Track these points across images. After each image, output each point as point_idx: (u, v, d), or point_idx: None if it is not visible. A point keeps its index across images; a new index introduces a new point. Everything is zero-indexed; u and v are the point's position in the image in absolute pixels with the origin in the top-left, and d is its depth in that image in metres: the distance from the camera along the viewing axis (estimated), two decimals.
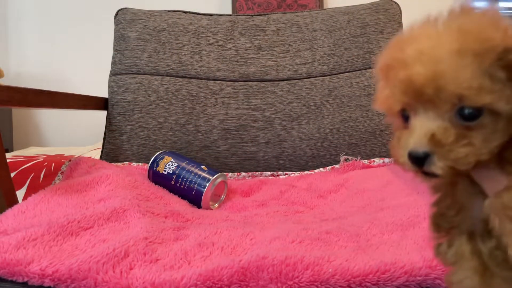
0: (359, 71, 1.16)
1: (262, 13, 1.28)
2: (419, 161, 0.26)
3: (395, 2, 1.22)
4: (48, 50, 2.16)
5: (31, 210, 0.63)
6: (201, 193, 0.81)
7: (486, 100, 0.24)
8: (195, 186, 0.82)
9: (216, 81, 1.19)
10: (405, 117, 0.29)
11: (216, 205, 0.85)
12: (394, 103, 0.29)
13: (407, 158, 0.27)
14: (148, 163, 0.91)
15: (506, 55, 0.24)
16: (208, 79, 1.19)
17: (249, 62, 1.20)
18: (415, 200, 0.68)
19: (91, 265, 0.47)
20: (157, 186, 0.85)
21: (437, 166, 0.26)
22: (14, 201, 0.73)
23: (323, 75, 1.18)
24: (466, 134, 0.25)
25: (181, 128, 1.15)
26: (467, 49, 0.24)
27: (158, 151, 0.93)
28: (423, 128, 0.26)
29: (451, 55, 0.24)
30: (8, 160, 0.75)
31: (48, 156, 1.49)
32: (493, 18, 0.26)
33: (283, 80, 1.18)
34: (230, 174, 1.08)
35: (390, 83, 0.28)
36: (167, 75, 1.19)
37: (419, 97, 0.26)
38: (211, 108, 1.17)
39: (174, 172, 0.85)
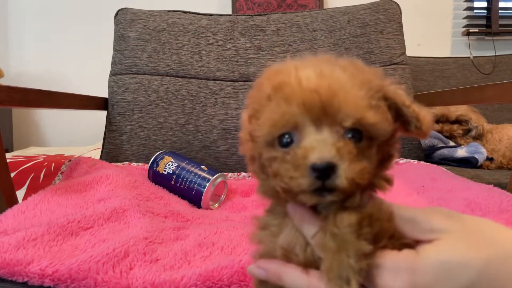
0: None
1: (262, 13, 1.28)
2: (324, 173, 0.25)
3: (395, 2, 1.22)
4: (48, 50, 2.16)
5: (31, 210, 0.63)
6: (201, 193, 0.81)
7: (376, 119, 0.26)
8: (195, 186, 0.82)
9: (216, 81, 1.19)
10: (284, 143, 0.28)
11: (216, 205, 0.85)
12: (280, 124, 0.27)
13: (308, 173, 0.25)
14: (148, 163, 0.91)
15: (382, 89, 0.28)
16: (208, 79, 1.19)
17: (249, 62, 1.20)
18: (414, 200, 0.68)
19: (91, 265, 0.47)
20: (157, 186, 0.85)
21: (342, 178, 0.25)
22: (14, 201, 0.73)
23: None
24: (357, 152, 0.26)
25: (181, 128, 1.15)
26: (358, 81, 0.27)
27: (158, 151, 0.93)
28: (325, 141, 0.26)
29: (348, 81, 0.27)
30: (8, 160, 0.75)
31: (48, 156, 1.49)
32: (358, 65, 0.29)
33: None
34: (230, 174, 1.08)
35: (281, 103, 0.27)
36: (167, 75, 1.19)
37: (319, 113, 0.26)
38: (211, 108, 1.17)
39: (174, 172, 0.85)
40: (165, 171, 0.87)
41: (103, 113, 1.20)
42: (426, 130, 0.29)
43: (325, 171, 0.25)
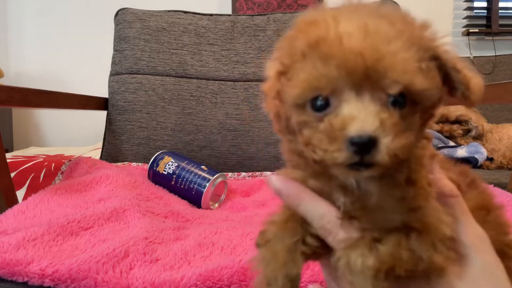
0: None
1: (262, 13, 1.28)
2: (364, 148, 0.22)
3: (395, 2, 1.22)
4: (48, 50, 2.16)
5: (31, 210, 0.63)
6: (201, 193, 0.81)
7: (425, 85, 0.23)
8: (195, 186, 0.82)
9: (216, 81, 1.19)
10: (317, 107, 0.24)
11: (216, 205, 0.85)
12: (316, 87, 0.24)
13: (346, 146, 0.22)
14: (148, 163, 0.91)
15: (433, 48, 0.25)
16: (208, 79, 1.19)
17: (249, 62, 1.20)
18: None
19: (91, 265, 0.47)
20: (157, 186, 0.85)
21: (384, 153, 0.22)
22: (14, 201, 0.73)
23: None
24: (400, 122, 0.24)
25: (181, 128, 1.15)
26: (406, 39, 0.24)
27: (158, 151, 0.93)
28: (366, 110, 0.23)
29: (396, 40, 0.23)
30: (8, 160, 0.75)
31: (48, 156, 1.49)
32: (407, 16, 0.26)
33: None
34: (230, 174, 1.08)
35: (317, 63, 0.23)
36: (167, 75, 1.19)
37: (361, 78, 0.23)
38: (211, 108, 1.17)
39: (174, 172, 0.85)
40: (165, 171, 0.87)
41: (103, 113, 1.20)
42: (475, 99, 0.26)
43: (365, 146, 0.22)
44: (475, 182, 0.32)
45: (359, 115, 0.23)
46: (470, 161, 1.21)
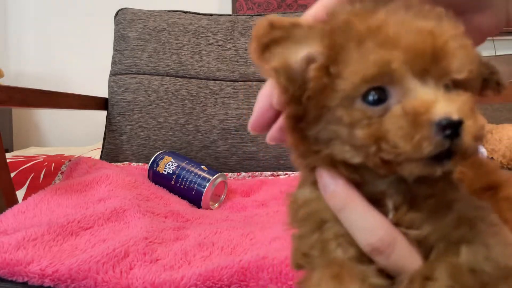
0: None
1: (262, 13, 1.28)
2: (454, 131, 0.20)
3: None
4: (48, 50, 2.16)
5: (31, 210, 0.63)
6: (201, 193, 0.81)
7: (476, 73, 0.22)
8: (195, 186, 0.82)
9: (216, 81, 1.19)
10: (371, 101, 0.21)
11: (216, 205, 0.85)
12: (374, 75, 0.21)
13: (435, 132, 0.20)
14: (148, 163, 0.91)
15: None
16: (208, 79, 1.19)
17: (249, 62, 1.20)
18: None
19: (91, 265, 0.47)
20: (157, 186, 0.85)
21: (469, 136, 0.20)
22: (14, 201, 0.73)
23: None
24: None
25: (181, 128, 1.15)
26: (464, 33, 0.23)
27: (158, 151, 0.93)
28: (443, 94, 0.21)
29: (459, 32, 0.22)
30: (8, 160, 0.75)
31: (48, 156, 1.49)
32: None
33: None
34: (230, 174, 1.08)
35: (378, 49, 0.21)
36: (167, 75, 1.19)
37: (428, 62, 0.21)
38: (211, 108, 1.17)
39: (174, 172, 0.85)
40: (165, 171, 0.87)
41: (103, 113, 1.20)
42: (506, 84, 0.26)
43: (456, 128, 0.20)
44: (479, 163, 0.30)
45: (439, 98, 0.20)
46: None
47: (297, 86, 0.23)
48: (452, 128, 0.20)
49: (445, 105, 0.20)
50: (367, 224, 0.23)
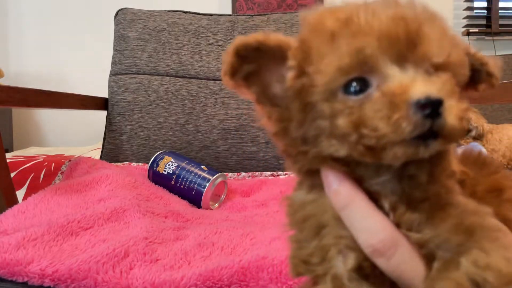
0: None
1: (262, 13, 1.28)
2: (434, 110, 0.20)
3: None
4: (48, 50, 2.16)
5: (31, 210, 0.63)
6: (201, 193, 0.81)
7: (460, 59, 0.22)
8: (195, 186, 0.82)
9: (216, 81, 1.19)
10: (352, 92, 0.21)
11: (216, 205, 0.85)
12: (352, 66, 0.21)
13: (413, 111, 0.19)
14: (148, 163, 0.91)
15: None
16: (208, 79, 1.19)
17: None
18: None
19: (91, 265, 0.47)
20: (157, 186, 0.85)
21: (453, 115, 0.20)
22: (14, 201, 0.73)
23: None
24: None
25: (181, 128, 1.15)
26: (441, 18, 0.23)
27: (158, 151, 0.93)
28: (421, 76, 0.21)
29: (434, 17, 0.22)
30: (8, 160, 0.75)
31: (48, 156, 1.49)
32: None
33: None
34: (230, 174, 1.08)
35: (351, 40, 0.21)
36: (167, 75, 1.19)
37: (404, 48, 0.21)
38: (211, 108, 1.17)
39: (174, 172, 0.85)
40: (165, 171, 0.87)
41: (103, 113, 1.20)
42: (498, 74, 0.26)
43: (435, 107, 0.20)
44: (482, 163, 0.29)
45: (417, 78, 0.20)
46: None
47: (279, 101, 0.23)
48: (431, 106, 0.19)
49: (424, 85, 0.20)
50: (369, 224, 0.22)
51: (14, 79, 2.09)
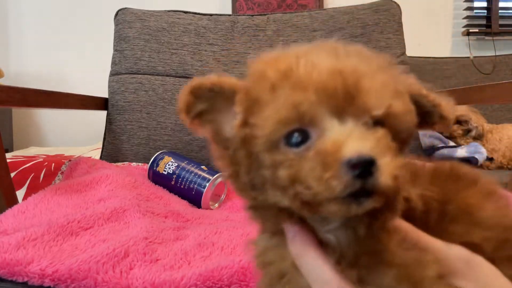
0: None
1: (262, 13, 1.28)
2: (366, 170, 0.20)
3: (395, 2, 1.22)
4: (48, 50, 2.16)
5: (31, 210, 0.63)
6: (201, 193, 0.81)
7: (403, 108, 0.22)
8: (195, 186, 0.82)
9: None
10: (294, 143, 0.22)
11: (216, 205, 0.85)
12: (291, 118, 0.21)
13: (344, 171, 0.20)
14: (148, 163, 0.91)
15: (403, 82, 0.24)
16: None
17: None
18: None
19: (91, 265, 0.47)
20: (157, 186, 0.85)
21: (386, 175, 0.20)
22: (14, 201, 0.72)
23: None
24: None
25: (181, 128, 1.15)
26: (376, 65, 0.23)
27: (158, 151, 0.93)
28: (357, 132, 0.21)
29: (369, 64, 0.23)
30: (8, 160, 0.75)
31: (48, 156, 1.49)
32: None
33: None
34: None
35: (291, 92, 0.21)
36: (167, 75, 1.19)
37: (342, 101, 0.21)
38: None
39: (174, 172, 0.85)
40: (165, 171, 0.86)
41: (103, 113, 1.20)
42: (452, 118, 0.26)
43: (365, 167, 0.20)
44: (456, 177, 0.29)
45: (352, 136, 0.20)
46: (470, 161, 1.21)
47: (229, 144, 0.24)
48: (362, 166, 0.20)
49: (356, 144, 0.20)
50: (319, 275, 0.23)
51: (14, 79, 2.09)
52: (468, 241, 0.25)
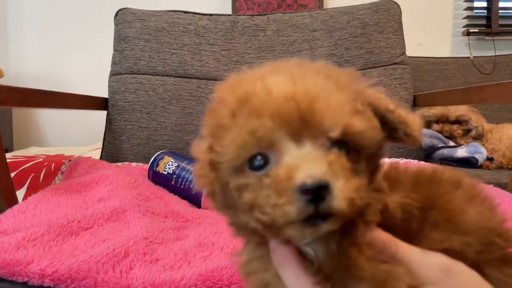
0: (359, 71, 1.16)
1: (262, 13, 1.28)
2: (317, 195, 0.20)
3: (395, 2, 1.22)
4: (48, 50, 2.16)
5: (31, 210, 0.63)
6: (201, 193, 0.81)
7: (363, 127, 0.23)
8: (195, 186, 0.82)
9: (216, 81, 1.19)
10: (256, 166, 0.23)
11: None
12: (251, 144, 0.22)
13: (297, 197, 0.20)
14: (148, 163, 0.91)
15: (362, 94, 0.25)
16: (208, 79, 1.19)
17: (249, 62, 1.20)
18: None
19: (91, 265, 0.47)
20: (157, 186, 0.85)
21: (339, 198, 0.20)
22: (14, 201, 0.72)
23: None
24: (348, 165, 0.22)
25: (181, 128, 1.15)
26: (336, 83, 0.23)
27: (158, 151, 0.93)
28: (311, 156, 0.21)
29: (326, 84, 0.23)
30: (8, 160, 0.75)
31: (48, 156, 1.49)
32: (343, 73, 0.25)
33: None
34: None
35: (249, 118, 0.22)
36: (167, 75, 1.19)
37: (298, 125, 0.22)
38: None
39: (174, 172, 0.85)
40: (165, 171, 0.86)
41: (103, 113, 1.20)
42: (417, 135, 0.25)
43: (317, 193, 0.20)
44: (438, 180, 0.28)
45: (305, 161, 0.21)
46: (470, 161, 1.21)
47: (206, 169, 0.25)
48: (314, 192, 0.20)
49: (308, 169, 0.20)
50: (300, 286, 0.24)
51: (14, 79, 2.09)
52: (448, 247, 0.25)
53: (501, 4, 2.00)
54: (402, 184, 0.28)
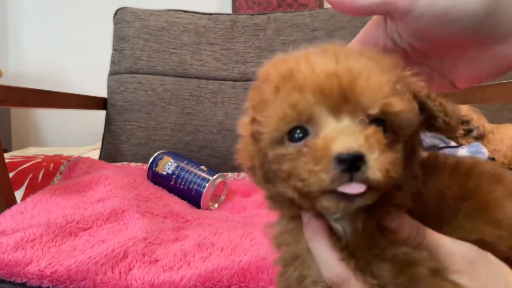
0: None
1: (262, 13, 1.27)
2: (352, 165, 0.21)
3: None
4: (47, 50, 2.15)
5: (30, 210, 0.63)
6: (201, 193, 0.81)
7: (402, 107, 0.23)
8: (195, 186, 0.82)
9: (216, 81, 1.19)
10: (295, 138, 0.24)
11: (216, 205, 0.85)
12: (292, 116, 0.23)
13: (333, 165, 0.21)
14: (147, 163, 0.91)
15: (404, 79, 0.25)
16: (208, 78, 1.19)
17: (249, 62, 1.20)
18: None
19: (90, 266, 0.47)
20: (156, 186, 0.85)
21: (375, 169, 0.21)
22: (13, 201, 0.72)
23: None
24: (385, 140, 0.23)
25: (181, 128, 1.14)
26: (378, 65, 0.24)
27: (157, 151, 0.92)
28: (349, 129, 0.22)
29: (368, 64, 0.24)
30: (6, 160, 0.74)
31: (46, 156, 1.48)
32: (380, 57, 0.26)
33: None
34: (230, 174, 1.08)
35: (292, 93, 0.23)
36: (166, 75, 1.18)
37: (338, 101, 0.23)
38: (211, 108, 1.16)
39: (173, 173, 0.85)
40: (164, 171, 0.86)
41: (102, 113, 1.20)
42: (456, 124, 0.26)
43: (353, 163, 0.21)
44: (478, 172, 0.29)
45: (342, 133, 0.22)
46: None
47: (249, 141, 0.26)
48: (348, 161, 0.21)
49: (345, 140, 0.21)
50: (328, 259, 0.25)
51: (12, 79, 2.09)
52: (480, 238, 0.26)
53: None
54: (441, 172, 0.28)
